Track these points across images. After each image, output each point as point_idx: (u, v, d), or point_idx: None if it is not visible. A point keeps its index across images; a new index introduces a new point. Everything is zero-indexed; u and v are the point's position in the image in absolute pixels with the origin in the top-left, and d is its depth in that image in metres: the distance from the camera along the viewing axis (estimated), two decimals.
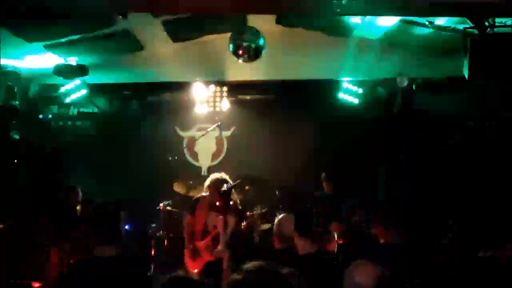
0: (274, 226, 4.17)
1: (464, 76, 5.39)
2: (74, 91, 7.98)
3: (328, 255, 3.87)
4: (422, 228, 6.00)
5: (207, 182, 6.28)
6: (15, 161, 7.72)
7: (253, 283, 1.94)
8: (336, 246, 6.54)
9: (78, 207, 6.57)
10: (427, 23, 6.31)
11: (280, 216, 4.23)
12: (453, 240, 5.04)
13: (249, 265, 2.01)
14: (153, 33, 7.12)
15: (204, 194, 6.34)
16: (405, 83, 7.68)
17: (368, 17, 6.36)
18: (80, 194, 6.61)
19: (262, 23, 6.82)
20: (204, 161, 8.87)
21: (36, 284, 4.98)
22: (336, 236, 6.72)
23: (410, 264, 4.19)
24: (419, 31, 6.65)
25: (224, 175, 6.25)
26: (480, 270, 3.58)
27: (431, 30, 6.48)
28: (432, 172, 7.46)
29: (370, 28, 6.79)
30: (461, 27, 5.77)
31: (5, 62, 7.13)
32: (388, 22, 6.57)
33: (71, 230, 6.14)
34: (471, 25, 5.40)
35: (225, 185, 6.04)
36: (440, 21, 6.25)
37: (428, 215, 6.57)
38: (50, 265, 5.48)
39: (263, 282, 1.94)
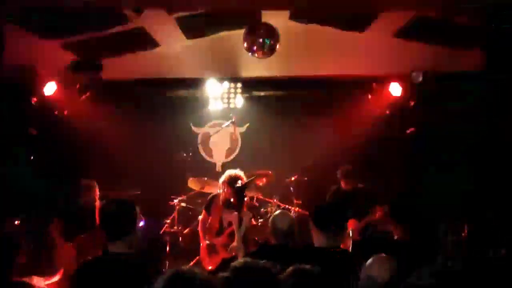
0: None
1: (481, 70, 5.33)
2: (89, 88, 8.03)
3: (342, 250, 3.84)
4: (434, 226, 5.97)
5: (222, 179, 6.28)
6: (32, 157, 7.80)
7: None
8: (351, 242, 6.53)
9: (96, 203, 6.60)
10: (444, 17, 6.25)
11: (275, 213, 4.25)
12: (465, 239, 5.01)
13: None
14: (167, 30, 7.14)
15: (219, 191, 6.36)
16: (420, 78, 7.62)
17: (382, 12, 6.33)
18: (97, 190, 6.65)
19: (276, 19, 6.80)
20: (218, 157, 8.89)
21: (52, 280, 5.00)
22: (351, 233, 6.73)
23: (422, 261, 4.17)
24: (435, 25, 6.59)
25: (239, 172, 6.25)
26: (489, 269, 3.55)
27: (447, 23, 6.42)
28: (447, 169, 7.40)
29: (384, 23, 6.74)
30: (478, 20, 5.70)
31: (22, 59, 7.19)
32: (403, 16, 6.52)
33: (87, 227, 6.19)
34: (489, 18, 5.34)
35: (239, 182, 6.05)
36: (457, 14, 6.19)
37: (442, 213, 6.53)
38: (65, 262, 5.50)
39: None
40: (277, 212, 4.31)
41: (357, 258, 2.94)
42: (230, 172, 6.29)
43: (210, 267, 6.03)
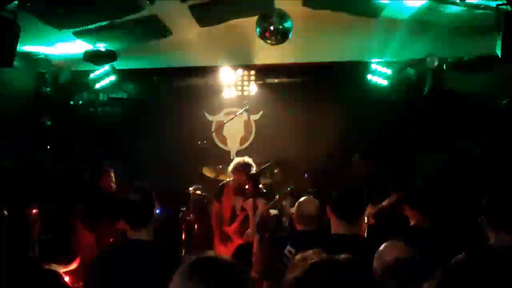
0: (295, 207, 4.18)
1: (497, 55, 5.26)
2: (103, 77, 8.07)
3: (361, 237, 3.83)
4: (452, 213, 5.94)
5: (230, 167, 6.31)
6: (48, 147, 7.88)
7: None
8: (366, 227, 6.54)
9: (113, 188, 6.65)
10: (457, 1, 6.17)
11: (301, 199, 4.25)
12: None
13: (311, 260, 1.85)
14: (180, 18, 7.12)
15: (228, 179, 6.38)
16: (435, 63, 7.55)
17: None
18: (113, 174, 6.68)
19: (289, 5, 6.75)
20: (232, 145, 8.91)
21: (69, 268, 5.06)
22: (366, 218, 6.72)
23: (438, 248, 4.14)
24: (449, 9, 6.50)
25: (247, 159, 6.27)
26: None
27: (462, 8, 6.34)
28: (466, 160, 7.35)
29: (398, 8, 6.67)
30: (493, 4, 5.61)
31: (36, 49, 7.24)
32: (417, 1, 6.45)
33: (106, 213, 6.25)
34: (504, 1, 5.25)
35: (254, 168, 6.06)
36: None
37: (460, 201, 6.49)
38: (84, 250, 5.56)
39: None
40: (303, 198, 4.30)
41: (373, 244, 2.92)
42: (238, 159, 6.31)
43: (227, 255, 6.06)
